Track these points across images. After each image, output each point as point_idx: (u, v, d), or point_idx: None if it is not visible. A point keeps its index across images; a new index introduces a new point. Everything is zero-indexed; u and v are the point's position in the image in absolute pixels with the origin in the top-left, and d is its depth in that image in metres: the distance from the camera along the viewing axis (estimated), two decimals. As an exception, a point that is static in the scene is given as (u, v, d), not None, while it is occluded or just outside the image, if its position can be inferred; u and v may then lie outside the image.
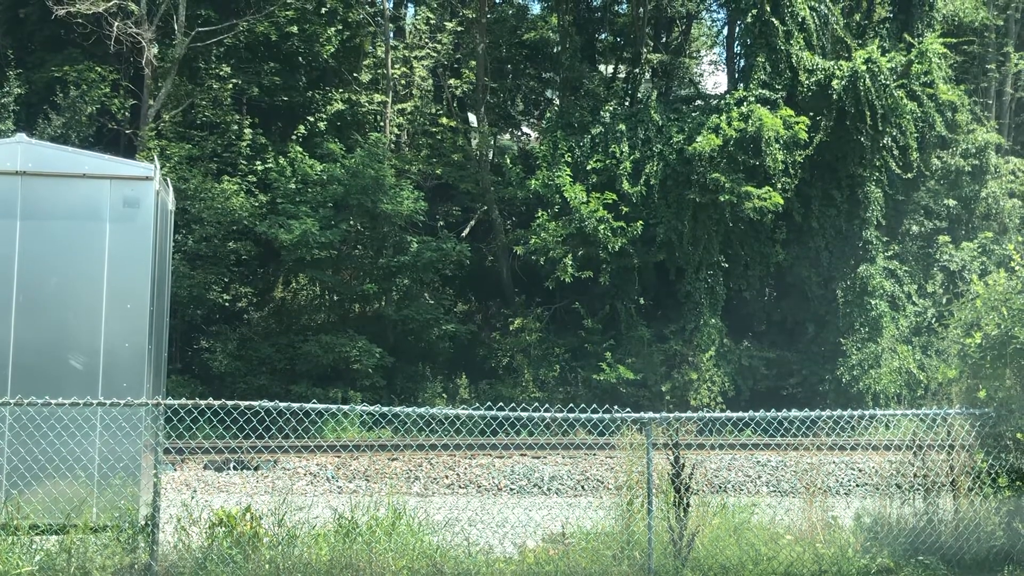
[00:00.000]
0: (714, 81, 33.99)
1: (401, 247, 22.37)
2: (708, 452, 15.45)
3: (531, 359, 22.48)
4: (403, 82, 25.73)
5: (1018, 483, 8.44)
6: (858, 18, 24.47)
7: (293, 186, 21.78)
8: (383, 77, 25.40)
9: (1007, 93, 28.40)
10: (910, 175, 22.96)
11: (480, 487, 14.60)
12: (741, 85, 23.46)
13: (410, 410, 8.77)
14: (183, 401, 7.87)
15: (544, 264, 22.07)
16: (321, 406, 8.22)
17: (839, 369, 22.01)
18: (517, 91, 29.70)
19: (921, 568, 8.27)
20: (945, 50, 23.23)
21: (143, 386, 9.13)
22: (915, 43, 22.77)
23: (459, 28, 26.25)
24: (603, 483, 14.42)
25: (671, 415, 8.47)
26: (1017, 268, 8.90)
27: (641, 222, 21.50)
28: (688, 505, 8.18)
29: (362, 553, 7.85)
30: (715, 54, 34.13)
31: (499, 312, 25.39)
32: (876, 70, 21.54)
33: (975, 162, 24.86)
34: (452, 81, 26.41)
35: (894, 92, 21.72)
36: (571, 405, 9.28)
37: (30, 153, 9.31)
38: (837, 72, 21.83)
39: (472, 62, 26.15)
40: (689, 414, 8.60)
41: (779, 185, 21.52)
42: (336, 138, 23.44)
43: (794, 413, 8.54)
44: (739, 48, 25.58)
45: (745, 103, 21.95)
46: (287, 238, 20.62)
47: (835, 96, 21.65)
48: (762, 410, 8.47)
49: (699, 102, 25.06)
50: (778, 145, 21.44)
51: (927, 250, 24.57)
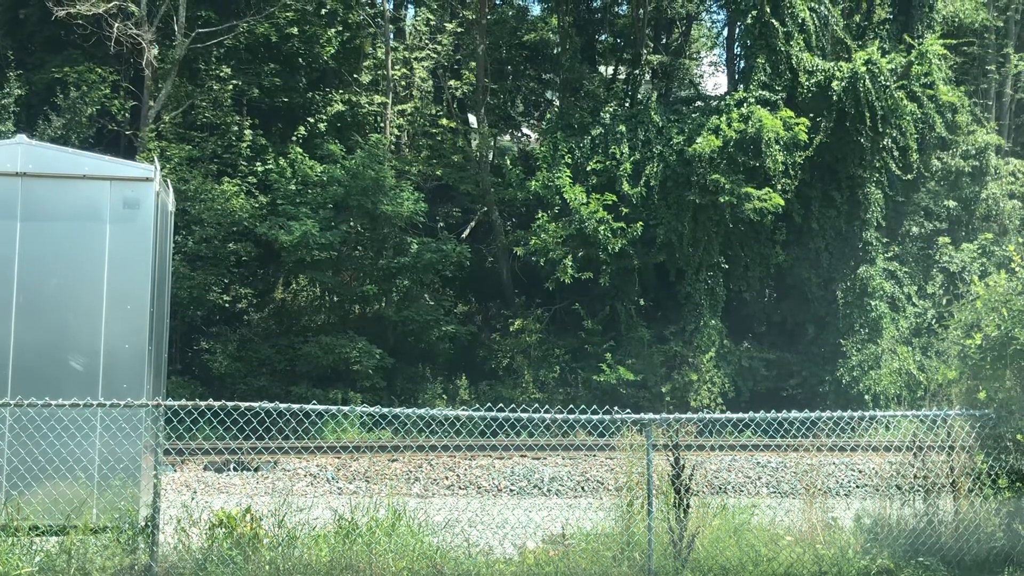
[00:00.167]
0: (714, 82, 34.02)
1: (401, 248, 22.37)
2: (708, 453, 15.45)
3: (531, 360, 22.48)
4: (403, 83, 25.75)
5: (1018, 484, 8.44)
6: (858, 19, 24.47)
7: (293, 187, 21.79)
8: (383, 78, 25.41)
9: (1007, 94, 28.40)
10: (910, 176, 22.97)
11: (480, 488, 14.60)
12: (741, 86, 23.46)
13: (410, 411, 8.77)
14: (183, 402, 7.86)
15: (544, 265, 22.07)
16: (321, 407, 8.22)
17: (839, 370, 22.01)
18: (517, 92, 29.71)
19: (921, 569, 8.27)
20: (945, 51, 23.23)
21: (143, 387, 9.14)
22: (915, 44, 22.77)
23: (459, 29, 26.27)
24: (603, 484, 14.42)
25: (671, 416, 8.45)
26: (1017, 269, 8.90)
27: (641, 223, 21.50)
28: (688, 506, 8.18)
29: (362, 554, 7.85)
30: (715, 55, 34.18)
31: (499, 313, 25.38)
32: (876, 71, 21.54)
33: (975, 163, 24.86)
34: (452, 82, 26.43)
35: (894, 93, 21.72)
36: (571, 406, 9.27)
37: (30, 154, 9.32)
38: (837, 73, 21.84)
39: (472, 63, 26.16)
40: (689, 415, 8.59)
41: (779, 186, 21.53)
42: (336, 139, 23.44)
43: (794, 414, 8.54)
44: (739, 49, 25.60)
45: (745, 104, 21.95)
46: (287, 239, 20.62)
47: (835, 97, 21.66)
48: (762, 411, 8.47)
49: (699, 103, 25.05)
50: (778, 146, 21.45)
51: (927, 251, 24.56)
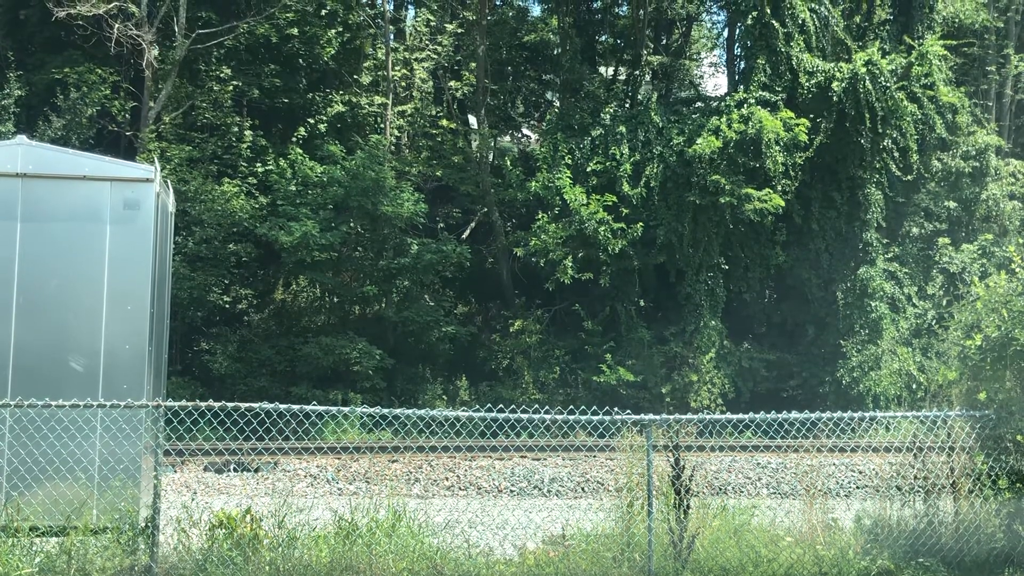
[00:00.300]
0: (714, 83, 33.93)
1: (401, 249, 22.37)
2: (708, 454, 15.44)
3: (531, 361, 22.48)
4: (403, 84, 25.75)
5: (1018, 485, 8.43)
6: (858, 20, 24.46)
7: (293, 188, 21.78)
8: (383, 79, 25.42)
9: (1007, 95, 28.40)
10: (910, 177, 22.97)
11: (480, 489, 14.60)
12: (741, 87, 23.46)
13: (410, 412, 8.77)
14: (183, 403, 7.85)
15: (544, 266, 22.07)
16: (321, 408, 8.23)
17: (839, 371, 22.00)
18: (517, 93, 29.71)
19: (921, 570, 8.27)
20: (945, 52, 23.23)
21: (143, 388, 9.14)
22: (915, 45, 22.78)
23: (459, 30, 26.26)
24: (603, 485, 14.42)
25: (671, 417, 8.45)
26: (1017, 270, 8.90)
27: (641, 224, 21.50)
28: (688, 507, 8.17)
29: (362, 555, 7.85)
30: (715, 56, 34.16)
31: (499, 314, 25.38)
32: (876, 72, 21.55)
33: (975, 164, 24.86)
34: (452, 83, 26.43)
35: (894, 94, 21.72)
36: (571, 407, 9.27)
37: (30, 155, 9.33)
38: (837, 74, 21.84)
39: (472, 64, 26.15)
40: (689, 416, 8.58)
41: (779, 187, 21.53)
42: (336, 140, 23.44)
43: (794, 415, 8.53)
44: (739, 50, 25.61)
45: (745, 105, 21.95)
46: (287, 240, 20.62)
47: (835, 98, 21.66)
48: (762, 412, 8.47)
49: (699, 104, 25.05)
50: (778, 147, 21.45)
51: (927, 252, 24.55)
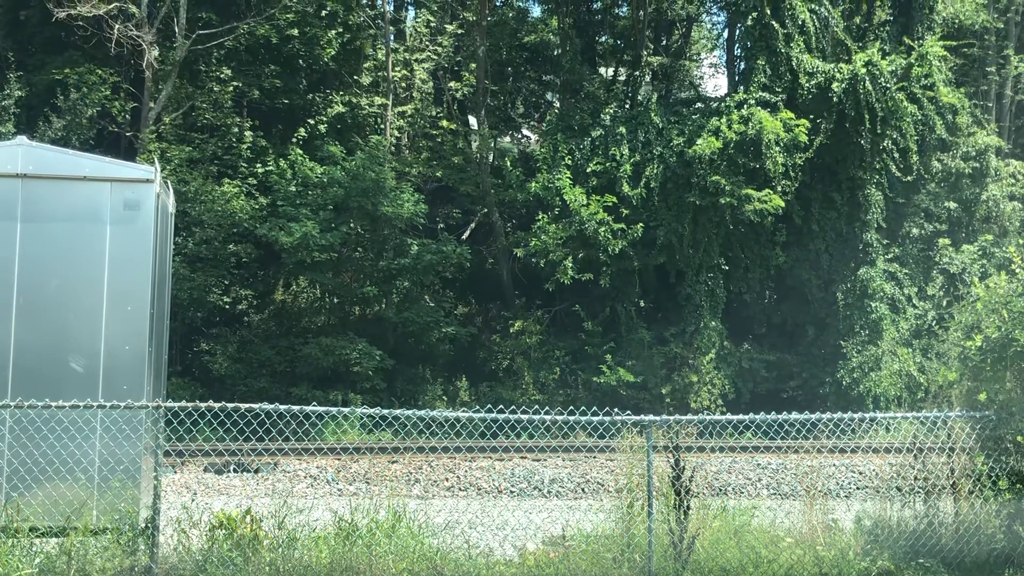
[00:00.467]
0: (714, 84, 33.95)
1: (401, 250, 22.37)
2: (708, 455, 15.45)
3: (531, 361, 22.48)
4: (403, 85, 25.75)
5: (1018, 486, 8.43)
6: (858, 21, 24.47)
7: (293, 189, 21.78)
8: (383, 80, 25.42)
9: (1007, 96, 28.40)
10: (910, 178, 22.97)
11: (480, 489, 14.59)
12: (741, 88, 23.46)
13: (410, 412, 8.77)
14: (183, 404, 7.85)
15: (544, 266, 22.07)
16: (321, 408, 8.25)
17: (839, 372, 22.00)
18: (517, 94, 29.71)
19: (921, 571, 8.26)
20: (945, 53, 23.23)
21: (143, 388, 9.14)
22: (915, 46, 22.78)
23: (459, 31, 26.27)
24: (603, 486, 14.41)
25: (671, 418, 8.44)
26: (1018, 271, 8.90)
27: (641, 225, 21.50)
28: (688, 508, 8.17)
29: (362, 556, 7.84)
30: (715, 57, 34.19)
31: (499, 315, 25.38)
32: (876, 73, 21.55)
33: (975, 165, 24.85)
34: (452, 84, 26.43)
35: (894, 95, 21.72)
36: (571, 407, 9.27)
37: (31, 156, 9.32)
38: (837, 75, 21.85)
39: (472, 65, 26.15)
40: (689, 417, 8.58)
41: (779, 188, 21.53)
42: (336, 141, 23.45)
43: (794, 416, 8.52)
44: (739, 51, 25.61)
45: (745, 106, 21.96)
46: (287, 241, 20.62)
47: (835, 99, 21.66)
48: (762, 413, 8.47)
49: (699, 105, 25.05)
50: (778, 148, 21.45)
51: (927, 253, 24.55)
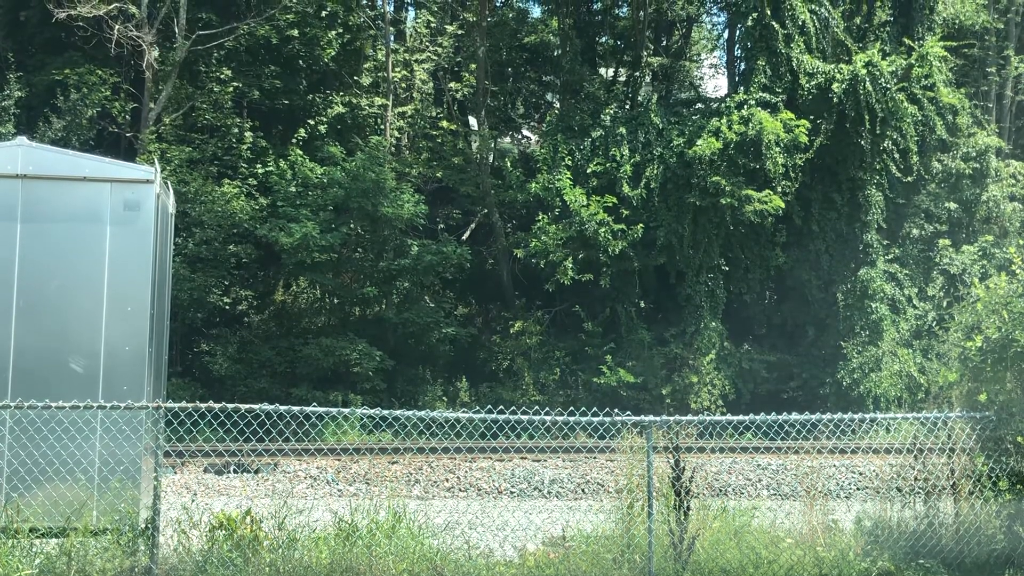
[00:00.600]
0: (714, 84, 33.94)
1: (401, 250, 22.37)
2: (708, 455, 15.44)
3: (531, 362, 22.48)
4: (403, 85, 25.75)
5: (1019, 486, 8.42)
6: (858, 21, 24.47)
7: (293, 189, 21.79)
8: (383, 80, 25.42)
9: (1007, 96, 28.39)
10: (910, 178, 22.97)
11: (480, 490, 14.59)
12: (741, 88, 23.46)
13: (410, 413, 8.77)
14: (183, 404, 7.84)
15: (544, 267, 22.06)
16: (321, 409, 8.25)
17: (839, 372, 21.99)
18: (517, 94, 29.72)
19: (922, 571, 8.26)
20: (945, 53, 23.23)
21: (143, 389, 9.14)
22: (915, 46, 22.78)
23: (459, 31, 26.28)
24: (603, 486, 14.41)
25: (671, 418, 8.44)
26: (1018, 271, 8.90)
27: (641, 225, 21.50)
28: (688, 508, 8.17)
29: (362, 556, 7.84)
30: (715, 57, 34.17)
31: (499, 315, 25.37)
32: (876, 73, 21.55)
33: (975, 165, 24.85)
34: (452, 84, 26.43)
35: (894, 95, 21.72)
36: (571, 408, 9.26)
37: (31, 156, 9.32)
38: (837, 75, 21.85)
39: (472, 65, 26.15)
40: (689, 417, 8.58)
41: (779, 188, 21.53)
42: (336, 141, 23.45)
43: (794, 416, 8.52)
44: (739, 51, 25.58)
45: (745, 106, 21.96)
46: (287, 241, 20.62)
47: (835, 99, 21.66)
48: (762, 413, 8.46)
49: (699, 105, 25.07)
50: (778, 148, 21.45)
51: (927, 253, 24.54)
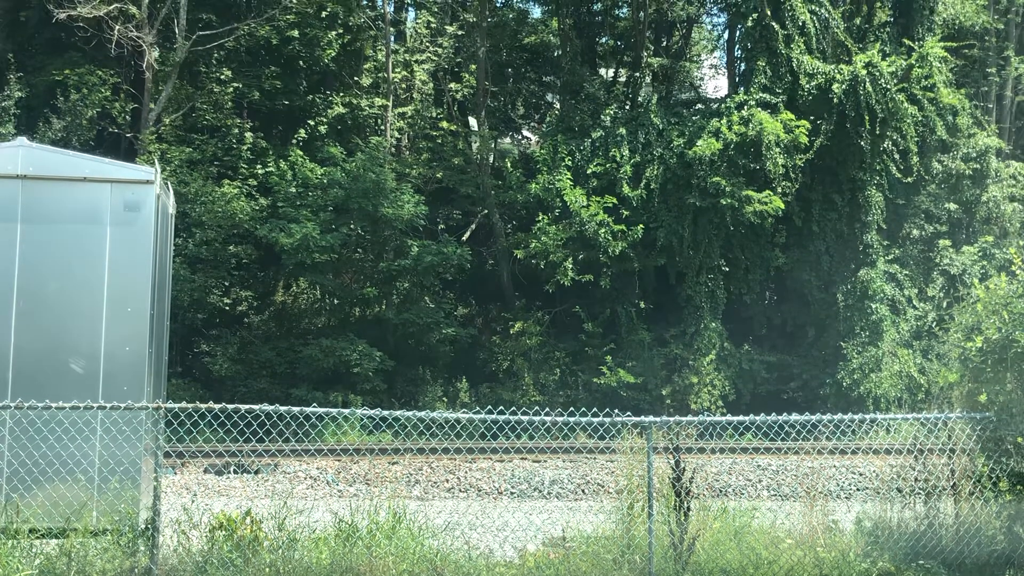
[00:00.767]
0: (714, 85, 33.94)
1: (401, 251, 22.37)
2: (709, 456, 15.43)
3: (531, 363, 22.48)
4: (404, 86, 25.75)
5: (1019, 487, 8.42)
6: (858, 22, 24.48)
7: (294, 190, 21.79)
8: (384, 81, 25.42)
9: (1007, 97, 28.39)
10: (910, 179, 22.96)
11: (480, 491, 14.59)
12: (741, 89, 23.48)
13: (410, 414, 8.76)
14: (183, 405, 7.83)
15: (544, 268, 22.07)
16: (321, 410, 8.25)
17: (840, 373, 21.99)
18: (517, 95, 29.72)
19: (922, 572, 8.26)
20: (945, 54, 23.24)
21: (143, 390, 9.14)
22: (915, 47, 22.78)
23: (460, 32, 26.29)
24: (603, 487, 14.40)
25: (672, 419, 8.44)
26: (1018, 272, 8.89)
27: (641, 226, 21.51)
28: (689, 509, 8.16)
29: (362, 557, 7.84)
30: (715, 58, 34.14)
31: (499, 316, 25.37)
32: (877, 74, 21.55)
33: (976, 166, 24.84)
34: (452, 85, 26.43)
35: (895, 96, 21.72)
36: (571, 409, 9.27)
37: (31, 157, 9.33)
38: (837, 76, 21.85)
39: (472, 66, 26.17)
40: (690, 418, 8.58)
41: (779, 189, 21.53)
42: (337, 142, 23.46)
43: (795, 417, 8.51)
44: (739, 52, 25.61)
45: (745, 107, 21.96)
46: (287, 242, 20.62)
47: (836, 100, 21.66)
48: (763, 414, 8.45)
49: (699, 106, 25.09)
50: (778, 149, 21.45)
51: (928, 254, 24.54)
